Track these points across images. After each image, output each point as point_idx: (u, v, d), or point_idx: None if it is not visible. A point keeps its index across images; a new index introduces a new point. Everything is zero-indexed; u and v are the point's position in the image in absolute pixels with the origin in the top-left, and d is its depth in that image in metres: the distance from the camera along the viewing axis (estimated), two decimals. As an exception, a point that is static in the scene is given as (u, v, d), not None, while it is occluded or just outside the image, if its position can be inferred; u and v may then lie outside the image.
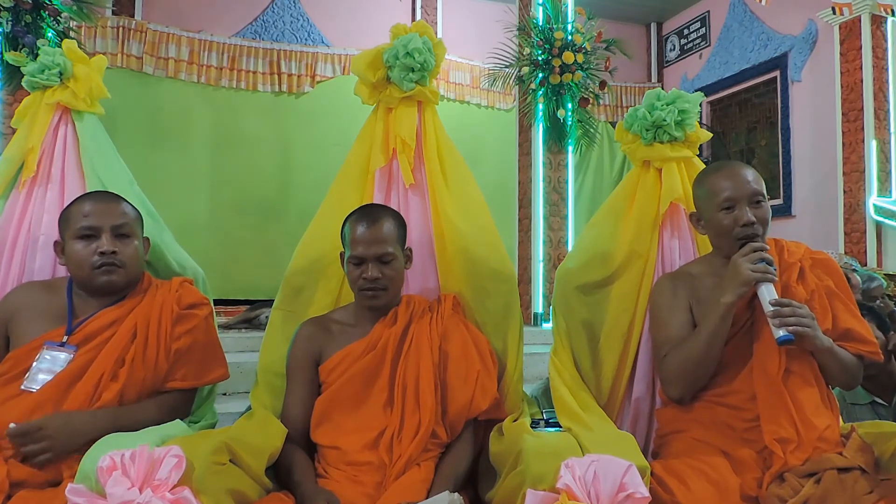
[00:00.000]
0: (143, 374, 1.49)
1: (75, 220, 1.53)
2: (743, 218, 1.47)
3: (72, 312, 1.52)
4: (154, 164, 5.22)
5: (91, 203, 1.55)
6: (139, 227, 1.62)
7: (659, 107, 1.71)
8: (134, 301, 1.56)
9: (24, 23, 3.70)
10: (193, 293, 1.62)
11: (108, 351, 1.47)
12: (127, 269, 1.54)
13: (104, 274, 1.51)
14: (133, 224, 1.59)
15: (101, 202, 1.56)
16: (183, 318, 1.55)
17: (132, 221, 1.59)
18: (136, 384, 1.48)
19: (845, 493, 1.22)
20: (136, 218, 1.61)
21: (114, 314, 1.53)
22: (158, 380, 1.51)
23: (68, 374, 1.43)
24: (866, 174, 5.14)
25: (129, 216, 1.58)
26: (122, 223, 1.55)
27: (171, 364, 1.52)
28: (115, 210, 1.56)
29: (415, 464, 1.43)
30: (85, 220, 1.52)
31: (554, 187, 4.92)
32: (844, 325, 1.47)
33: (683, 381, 1.47)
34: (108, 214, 1.54)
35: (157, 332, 1.52)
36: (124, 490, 1.04)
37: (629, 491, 1.09)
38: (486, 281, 1.70)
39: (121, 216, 1.56)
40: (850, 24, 5.26)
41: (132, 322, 1.52)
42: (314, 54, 5.94)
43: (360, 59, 1.79)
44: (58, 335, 1.48)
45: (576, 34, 4.70)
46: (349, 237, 1.56)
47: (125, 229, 1.55)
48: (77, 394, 1.42)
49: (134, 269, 1.57)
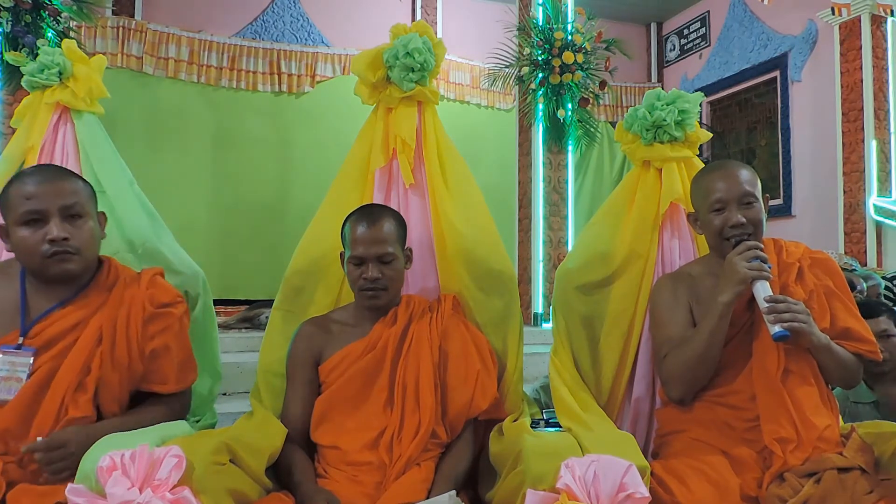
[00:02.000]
0: (116, 377, 1.38)
1: (17, 203, 1.34)
2: (732, 219, 1.47)
3: (25, 307, 1.36)
4: (154, 164, 5.21)
5: (34, 182, 1.35)
6: (92, 203, 1.43)
7: (659, 107, 1.71)
8: (98, 299, 1.41)
9: (24, 23, 3.71)
10: (166, 290, 1.49)
11: (73, 359, 1.34)
12: (83, 254, 1.37)
13: (57, 263, 1.34)
14: (85, 202, 1.40)
15: (46, 181, 1.36)
16: (156, 317, 1.43)
17: (84, 199, 1.40)
18: (112, 389, 1.38)
19: (845, 493, 1.22)
20: (88, 194, 1.43)
21: (76, 315, 1.38)
22: (135, 381, 1.41)
23: (32, 386, 1.31)
24: (866, 174, 5.14)
25: (81, 193, 1.39)
26: (73, 203, 1.36)
27: (146, 365, 1.41)
28: (62, 189, 1.36)
29: (415, 464, 1.43)
30: (28, 202, 1.32)
31: (554, 187, 4.92)
32: (843, 324, 1.47)
33: (684, 382, 1.47)
34: (56, 194, 1.35)
35: (125, 334, 1.39)
36: (124, 490, 1.04)
37: (629, 491, 1.09)
38: (486, 281, 1.70)
39: (70, 195, 1.36)
40: (850, 24, 5.26)
41: (97, 324, 1.38)
42: (314, 54, 5.94)
43: (360, 59, 1.79)
44: (12, 339, 1.34)
45: (576, 34, 4.70)
46: (349, 237, 1.56)
47: (76, 209, 1.37)
48: (45, 408, 1.31)
49: (91, 252, 1.41)
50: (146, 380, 1.44)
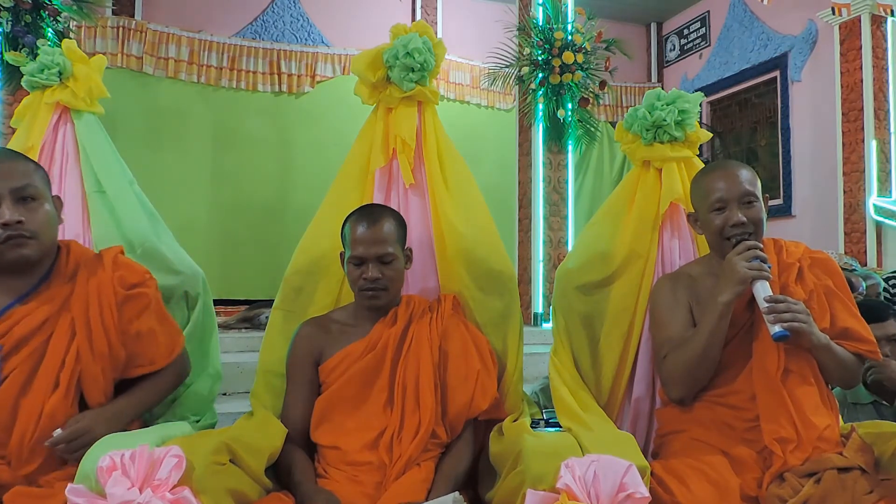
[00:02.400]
0: (98, 367, 1.34)
1: None
2: (733, 219, 1.47)
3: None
4: (154, 164, 5.21)
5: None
6: (46, 186, 1.38)
7: (659, 107, 1.71)
8: (63, 290, 1.35)
9: (24, 23, 3.71)
10: (133, 269, 1.43)
11: (51, 358, 1.30)
12: (39, 238, 1.32)
13: (12, 248, 1.29)
14: (39, 184, 1.35)
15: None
16: (130, 299, 1.38)
17: (38, 181, 1.35)
18: (97, 381, 1.34)
19: (845, 493, 1.22)
20: (42, 177, 1.38)
21: (44, 310, 1.32)
22: (119, 368, 1.38)
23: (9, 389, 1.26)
24: (866, 174, 5.14)
25: (33, 175, 1.34)
26: (25, 184, 1.31)
27: (129, 350, 1.38)
28: (13, 170, 1.31)
29: (415, 464, 1.43)
30: None
31: (554, 187, 4.92)
32: (843, 323, 1.47)
33: (684, 382, 1.47)
34: (6, 176, 1.29)
35: (101, 323, 1.33)
36: (124, 490, 1.04)
37: (629, 491, 1.09)
38: (486, 281, 1.70)
39: (22, 177, 1.31)
40: (850, 24, 5.26)
41: (68, 318, 1.33)
42: (314, 54, 5.94)
43: (360, 59, 1.79)
44: None
45: (576, 34, 4.70)
46: (349, 237, 1.56)
47: (29, 191, 1.31)
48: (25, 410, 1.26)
49: (47, 237, 1.35)
50: (132, 364, 1.41)
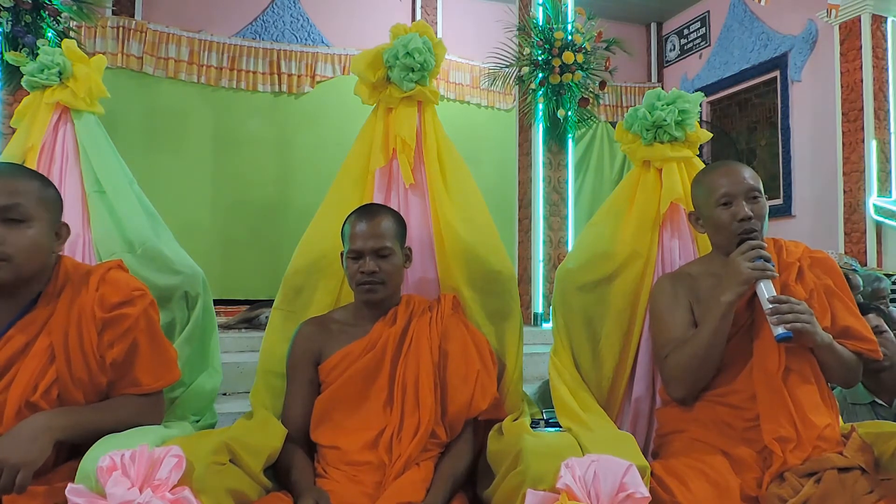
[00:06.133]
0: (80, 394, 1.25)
1: None
2: (740, 213, 1.47)
3: None
4: (154, 165, 5.21)
5: None
6: (43, 208, 1.25)
7: (659, 107, 1.71)
8: (45, 311, 1.25)
9: (24, 23, 3.70)
10: (118, 287, 1.30)
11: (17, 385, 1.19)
12: (14, 262, 1.20)
13: None
14: (30, 206, 1.22)
15: None
16: (110, 323, 1.26)
17: (28, 202, 1.22)
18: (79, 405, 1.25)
19: (845, 493, 1.22)
20: (38, 198, 1.24)
21: (23, 336, 1.22)
22: (101, 394, 1.29)
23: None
24: (866, 174, 5.14)
25: (24, 195, 1.22)
26: (10, 205, 1.20)
27: (111, 376, 1.28)
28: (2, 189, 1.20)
29: (414, 463, 1.43)
30: None
31: (554, 187, 4.92)
32: (843, 322, 1.47)
33: (686, 381, 1.47)
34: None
35: (80, 349, 1.24)
36: (124, 490, 1.04)
37: (629, 491, 1.09)
38: (486, 281, 1.70)
39: (7, 196, 1.20)
40: (850, 24, 5.26)
41: (46, 342, 1.23)
42: (314, 54, 5.94)
43: (360, 59, 1.79)
44: None
45: (576, 34, 4.69)
46: (348, 234, 1.56)
47: (14, 213, 1.20)
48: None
49: (28, 263, 1.22)
50: (115, 388, 1.31)
